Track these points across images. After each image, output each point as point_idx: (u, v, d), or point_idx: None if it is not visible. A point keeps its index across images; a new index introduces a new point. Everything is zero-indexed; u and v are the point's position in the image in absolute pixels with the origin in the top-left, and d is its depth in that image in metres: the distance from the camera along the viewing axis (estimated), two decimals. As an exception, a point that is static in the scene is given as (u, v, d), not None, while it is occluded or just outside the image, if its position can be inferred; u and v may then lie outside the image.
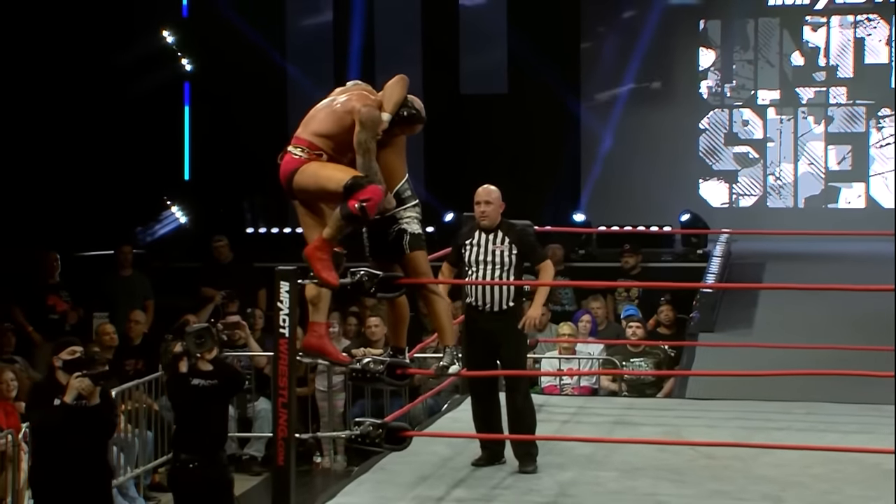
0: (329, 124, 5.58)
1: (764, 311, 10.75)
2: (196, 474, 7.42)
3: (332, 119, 5.58)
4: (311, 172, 5.52)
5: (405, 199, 5.75)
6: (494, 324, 6.62)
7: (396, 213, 5.72)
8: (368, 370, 5.81)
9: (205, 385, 7.48)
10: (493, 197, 6.73)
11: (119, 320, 10.74)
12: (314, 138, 5.57)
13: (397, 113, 5.60)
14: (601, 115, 15.85)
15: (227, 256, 12.26)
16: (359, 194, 5.44)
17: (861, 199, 15.58)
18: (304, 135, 5.60)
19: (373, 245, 5.81)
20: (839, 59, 15.62)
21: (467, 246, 6.73)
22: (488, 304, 6.65)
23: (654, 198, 15.30)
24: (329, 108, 5.64)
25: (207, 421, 7.49)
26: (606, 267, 12.51)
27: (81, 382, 7.10)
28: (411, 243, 5.70)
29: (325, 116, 5.61)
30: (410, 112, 5.65)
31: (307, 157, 5.54)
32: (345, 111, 5.56)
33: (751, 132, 15.88)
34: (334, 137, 5.56)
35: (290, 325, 5.51)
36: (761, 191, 15.85)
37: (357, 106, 5.52)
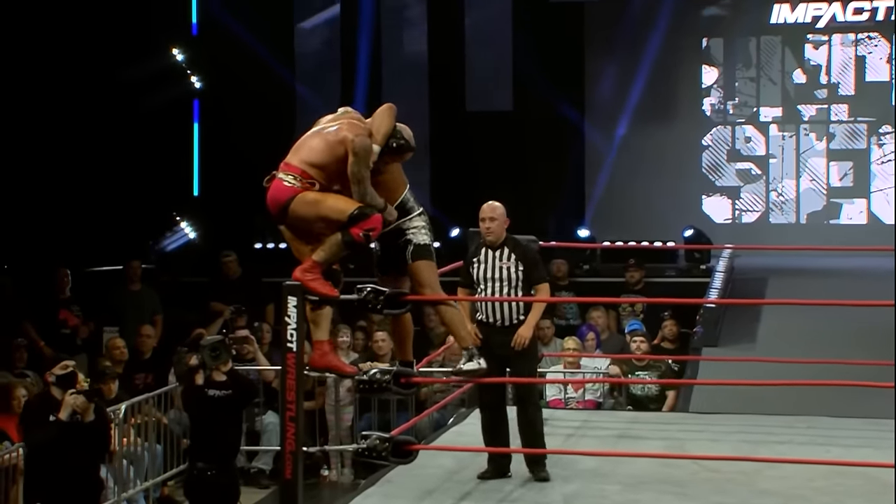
0: (321, 154, 5.62)
1: (766, 326, 10.82)
2: (212, 482, 7.56)
3: (324, 148, 5.62)
4: (310, 201, 5.59)
5: (408, 209, 5.85)
6: (505, 338, 6.70)
7: (402, 224, 5.82)
8: (375, 380, 5.87)
9: (220, 396, 7.65)
10: (498, 213, 6.82)
11: (128, 335, 10.83)
12: (306, 167, 5.62)
13: (387, 143, 5.69)
14: (605, 132, 15.95)
15: (236, 271, 12.33)
16: (364, 224, 5.55)
17: (863, 215, 15.67)
18: (295, 162, 5.65)
19: (382, 260, 5.92)
20: (840, 77, 15.73)
21: (474, 264, 6.81)
22: (499, 319, 6.74)
23: (657, 213, 15.40)
24: (320, 136, 5.68)
25: (222, 431, 7.65)
26: (610, 282, 12.59)
27: (76, 399, 7.19)
28: (414, 253, 5.80)
29: (316, 145, 5.65)
30: (399, 142, 5.75)
31: (300, 185, 5.60)
32: (337, 141, 5.60)
33: (753, 149, 15.98)
34: (326, 167, 5.62)
35: (298, 339, 5.59)
36: (764, 207, 15.94)
37: (349, 136, 5.57)
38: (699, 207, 15.97)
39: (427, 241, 5.86)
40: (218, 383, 7.68)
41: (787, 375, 8.40)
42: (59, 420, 7.15)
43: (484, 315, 6.78)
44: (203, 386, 7.68)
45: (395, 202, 5.81)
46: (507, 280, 6.74)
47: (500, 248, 6.79)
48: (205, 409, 7.66)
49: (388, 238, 5.84)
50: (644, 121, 15.86)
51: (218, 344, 7.72)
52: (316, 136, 5.71)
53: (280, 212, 5.68)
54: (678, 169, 15.96)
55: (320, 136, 5.69)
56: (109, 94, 14.09)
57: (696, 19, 15.96)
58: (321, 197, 5.61)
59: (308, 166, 5.63)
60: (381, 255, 5.94)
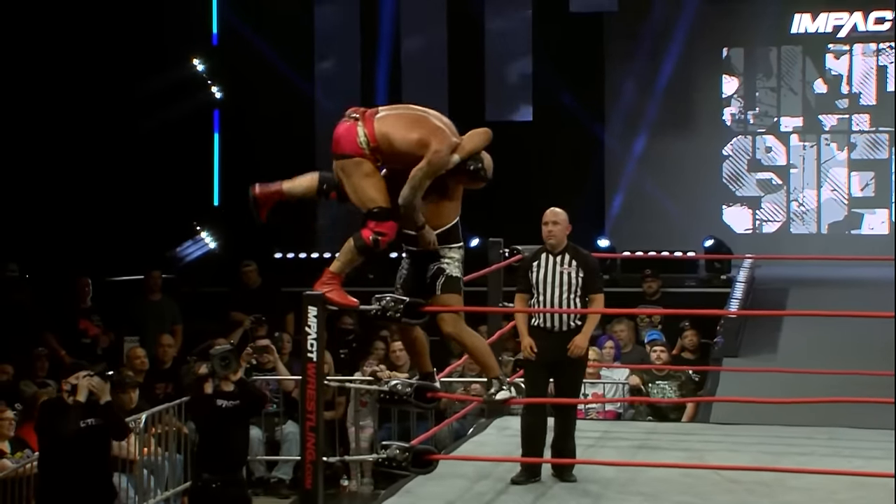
0: (403, 141, 5.56)
1: (787, 337, 10.79)
2: (218, 494, 7.54)
3: (409, 138, 5.56)
4: (358, 172, 5.57)
5: (451, 238, 5.79)
6: (558, 343, 6.71)
7: (440, 250, 5.76)
8: (396, 392, 5.88)
9: (228, 406, 7.63)
10: (561, 218, 6.88)
11: (148, 344, 10.87)
12: (383, 139, 5.57)
13: (464, 163, 5.65)
14: (625, 142, 15.94)
15: (256, 281, 12.37)
16: (376, 225, 5.54)
17: (884, 226, 15.61)
18: (378, 126, 5.58)
19: (409, 278, 5.86)
20: (862, 87, 15.69)
21: (533, 268, 6.83)
22: (556, 325, 6.76)
23: (677, 223, 15.38)
24: (415, 124, 5.60)
25: (230, 441, 7.63)
26: (629, 292, 12.57)
27: (90, 380, 7.20)
28: (445, 285, 5.74)
29: (405, 129, 5.58)
30: (476, 167, 5.69)
31: (367, 151, 5.57)
32: (421, 143, 5.55)
33: (774, 158, 15.95)
34: (397, 153, 5.58)
35: (318, 349, 5.59)
36: (784, 217, 15.90)
37: (435, 146, 5.52)
38: (720, 217, 15.94)
39: (458, 275, 5.82)
40: (226, 393, 7.67)
41: (809, 386, 8.36)
42: (77, 403, 7.15)
43: (540, 320, 6.79)
44: (212, 395, 7.68)
45: (441, 228, 5.75)
46: (566, 285, 6.75)
47: (562, 254, 6.83)
48: (212, 419, 7.64)
49: (421, 261, 5.82)
50: (664, 131, 15.84)
51: (227, 353, 7.73)
52: (414, 120, 5.63)
53: (335, 154, 5.67)
54: (698, 179, 15.94)
55: (416, 123, 5.62)
56: (130, 105, 14.15)
57: (715, 29, 15.93)
58: (368, 174, 5.59)
59: (385, 140, 5.57)
60: (408, 274, 5.89)
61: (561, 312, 6.73)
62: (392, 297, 5.71)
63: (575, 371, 6.86)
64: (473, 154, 5.69)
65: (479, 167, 5.71)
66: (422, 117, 5.68)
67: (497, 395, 5.92)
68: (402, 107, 5.77)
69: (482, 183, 5.79)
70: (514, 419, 7.62)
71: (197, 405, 7.86)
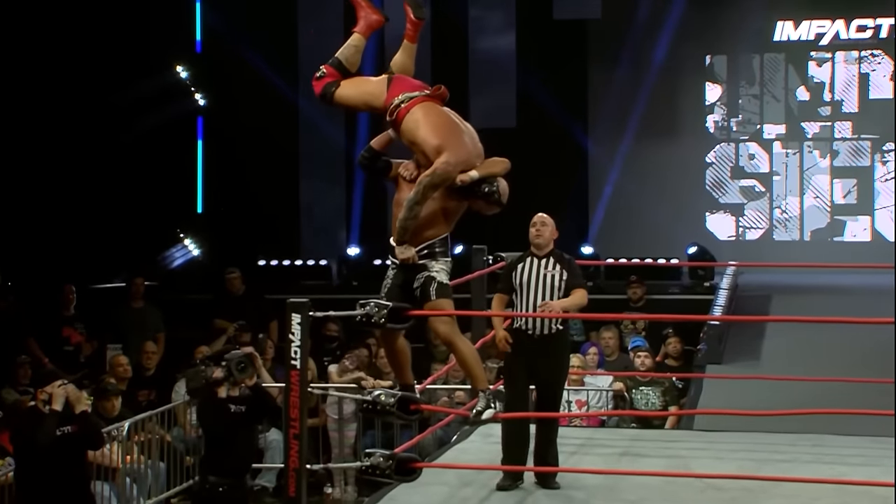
0: (424, 137, 5.65)
1: (771, 343, 10.82)
2: (224, 497, 7.59)
3: (429, 139, 5.64)
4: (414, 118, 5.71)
5: (437, 253, 5.78)
6: (540, 347, 6.73)
7: (427, 263, 5.77)
8: (379, 403, 5.86)
9: (240, 410, 7.71)
10: (549, 221, 7.00)
11: (131, 352, 10.85)
12: (412, 122, 5.69)
13: (480, 183, 5.70)
14: (609, 149, 15.96)
15: (240, 288, 12.35)
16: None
17: (867, 233, 15.68)
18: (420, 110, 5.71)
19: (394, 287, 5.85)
20: (844, 94, 15.76)
21: (518, 269, 6.86)
22: (537, 328, 6.78)
23: (661, 230, 15.40)
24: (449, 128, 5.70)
25: (239, 445, 7.71)
26: (614, 299, 12.59)
27: (66, 389, 7.20)
28: (438, 290, 5.74)
29: (435, 126, 5.67)
30: (491, 189, 5.74)
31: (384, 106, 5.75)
32: (437, 149, 5.62)
33: (757, 166, 16.00)
34: (414, 141, 5.70)
35: (302, 356, 5.58)
36: (768, 224, 15.95)
37: (445, 157, 5.59)
38: (703, 224, 15.98)
39: (448, 282, 5.83)
40: (237, 398, 7.75)
41: (792, 392, 8.39)
42: (53, 411, 7.14)
43: (521, 322, 6.81)
44: (225, 399, 7.75)
45: (430, 239, 5.76)
46: (549, 286, 6.79)
47: (546, 257, 6.89)
48: (222, 423, 7.71)
49: (408, 271, 5.81)
50: (648, 137, 15.88)
51: (245, 357, 7.83)
52: (446, 127, 5.70)
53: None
54: (682, 186, 15.98)
55: (446, 130, 5.69)
56: (114, 112, 14.14)
57: (699, 37, 15.97)
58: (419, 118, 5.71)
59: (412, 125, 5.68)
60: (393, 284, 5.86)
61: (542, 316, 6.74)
62: (376, 303, 5.70)
63: (556, 375, 6.87)
64: (489, 177, 5.74)
65: (494, 190, 5.75)
66: (455, 127, 5.75)
67: (483, 415, 5.88)
68: (451, 112, 5.83)
69: (496, 207, 5.84)
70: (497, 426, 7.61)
71: (209, 409, 7.89)
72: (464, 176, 5.66)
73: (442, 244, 5.81)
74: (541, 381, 6.84)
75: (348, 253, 15.40)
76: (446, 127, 5.71)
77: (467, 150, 5.71)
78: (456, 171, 5.63)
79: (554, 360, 6.80)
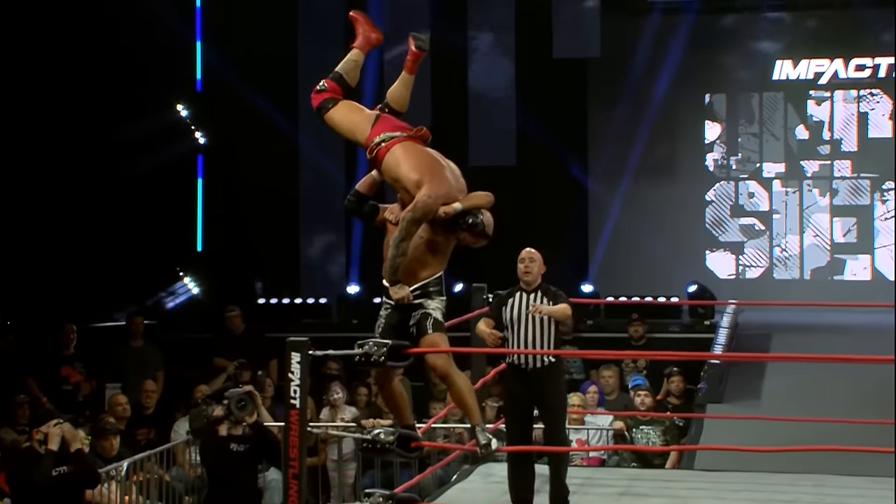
0: (406, 173, 5.70)
1: (771, 382, 10.78)
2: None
3: (410, 174, 5.69)
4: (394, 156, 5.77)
5: (431, 292, 5.82)
6: (535, 380, 6.75)
7: (423, 302, 5.79)
8: (379, 441, 5.85)
9: (241, 449, 7.69)
10: (537, 256, 7.05)
11: (130, 391, 10.81)
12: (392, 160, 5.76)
13: (464, 216, 5.72)
14: (608, 187, 15.99)
15: (240, 327, 12.32)
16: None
17: (867, 272, 15.68)
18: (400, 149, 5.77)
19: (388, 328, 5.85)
20: (843, 133, 15.80)
21: (508, 304, 6.89)
22: (531, 363, 6.78)
23: (661, 269, 15.40)
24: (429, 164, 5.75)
25: (241, 484, 7.69)
26: (614, 337, 12.56)
27: (62, 428, 7.18)
28: (435, 325, 5.77)
29: (416, 162, 5.72)
30: (476, 221, 5.75)
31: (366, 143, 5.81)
32: (417, 184, 5.66)
33: (757, 204, 16.02)
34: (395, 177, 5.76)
35: (301, 395, 5.57)
36: (767, 262, 15.95)
37: (426, 190, 5.64)
38: (703, 263, 15.98)
39: (442, 320, 5.85)
40: (238, 436, 7.74)
41: (793, 432, 8.36)
42: (49, 451, 7.11)
43: (514, 357, 6.83)
44: (226, 438, 7.74)
45: (423, 280, 5.79)
46: (539, 321, 6.82)
47: (535, 291, 6.94)
48: (223, 461, 7.70)
49: (403, 310, 5.82)
50: (647, 176, 15.91)
51: (244, 395, 7.83)
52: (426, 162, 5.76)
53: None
54: (682, 224, 15.99)
55: (426, 166, 5.74)
56: (115, 150, 14.16)
57: (698, 75, 16.04)
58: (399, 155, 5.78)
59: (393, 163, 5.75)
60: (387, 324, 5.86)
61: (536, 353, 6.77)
62: (374, 342, 5.70)
63: (554, 405, 6.87)
64: (473, 209, 5.74)
65: (479, 221, 5.75)
66: (435, 164, 5.79)
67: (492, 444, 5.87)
68: (431, 150, 5.87)
69: (483, 240, 5.83)
70: (498, 465, 7.60)
71: (210, 448, 7.88)
72: (447, 208, 5.69)
73: (436, 283, 5.84)
74: (541, 414, 6.85)
75: (348, 291, 15.40)
76: (426, 163, 5.76)
77: (448, 184, 5.75)
78: (437, 205, 5.66)
79: (551, 391, 6.80)
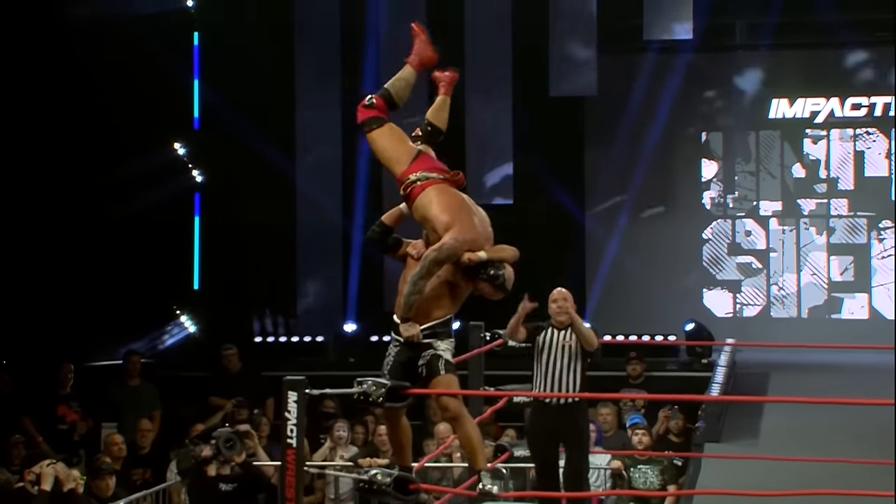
0: (436, 214, 5.75)
1: (769, 421, 10.75)
2: None
3: (441, 216, 5.74)
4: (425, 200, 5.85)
5: (440, 333, 5.82)
6: (561, 417, 6.92)
7: (433, 342, 5.79)
8: (376, 482, 5.81)
9: (230, 489, 7.67)
10: (569, 297, 7.39)
11: (126, 430, 10.78)
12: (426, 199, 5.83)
13: (486, 266, 5.75)
14: (606, 226, 16.00)
15: (236, 365, 12.29)
16: None
17: (864, 310, 15.66)
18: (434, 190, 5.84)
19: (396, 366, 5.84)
20: (840, 172, 15.84)
21: (541, 334, 7.14)
22: (557, 399, 6.88)
23: (658, 307, 15.39)
24: (459, 208, 5.81)
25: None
26: (612, 376, 12.54)
27: (54, 468, 7.14)
28: (447, 366, 5.76)
29: (447, 205, 5.78)
30: (497, 274, 5.78)
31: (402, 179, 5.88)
32: (446, 226, 5.71)
33: (754, 242, 16.03)
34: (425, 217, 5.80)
35: (298, 435, 5.54)
36: (765, 300, 15.94)
37: (453, 234, 5.68)
38: (700, 301, 15.96)
39: (453, 362, 5.85)
40: (227, 476, 7.71)
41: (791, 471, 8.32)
42: (42, 492, 7.07)
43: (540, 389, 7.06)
44: (215, 478, 7.71)
45: (435, 320, 5.80)
46: (568, 355, 7.12)
47: (566, 329, 7.22)
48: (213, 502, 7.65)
49: (412, 348, 5.82)
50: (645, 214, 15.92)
51: (233, 434, 7.82)
52: (457, 207, 5.81)
53: None
54: (679, 262, 16.00)
55: (457, 210, 5.79)
56: (112, 189, 14.15)
57: (695, 113, 16.09)
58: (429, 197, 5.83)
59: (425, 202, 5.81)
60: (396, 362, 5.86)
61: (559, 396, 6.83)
62: (373, 381, 5.68)
63: (579, 444, 7.02)
64: (497, 261, 5.79)
65: (500, 274, 5.79)
66: (466, 209, 5.85)
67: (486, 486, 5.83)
68: (462, 195, 5.95)
69: (501, 293, 5.85)
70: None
71: (199, 489, 7.84)
72: (472, 255, 5.71)
73: (445, 325, 5.85)
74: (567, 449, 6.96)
75: (345, 329, 15.37)
76: (458, 207, 5.81)
77: (476, 231, 5.78)
78: (462, 249, 5.68)
79: (575, 428, 6.90)
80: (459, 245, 5.67)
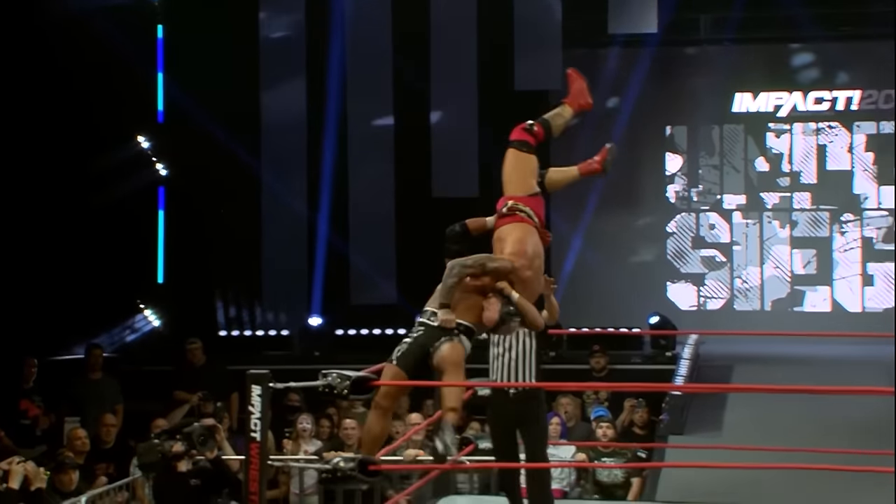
0: (510, 242, 6.17)
1: (732, 413, 10.82)
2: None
3: (512, 246, 6.14)
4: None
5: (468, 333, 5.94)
6: (517, 405, 6.98)
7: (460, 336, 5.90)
8: (339, 469, 5.79)
9: (198, 483, 7.64)
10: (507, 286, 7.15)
11: (89, 424, 10.71)
12: (511, 233, 6.29)
13: (508, 305, 5.95)
14: (570, 219, 16.01)
15: (201, 359, 12.25)
16: None
17: (826, 303, 15.78)
18: (518, 229, 6.30)
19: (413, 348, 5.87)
20: (802, 166, 15.94)
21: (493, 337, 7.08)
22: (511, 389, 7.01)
23: (622, 300, 15.44)
24: (533, 250, 6.20)
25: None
26: (576, 369, 12.57)
27: (24, 466, 7.10)
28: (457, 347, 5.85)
29: (521, 242, 6.19)
30: (509, 317, 5.97)
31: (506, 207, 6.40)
32: (511, 254, 6.10)
33: (717, 236, 16.11)
34: (498, 245, 6.22)
35: (262, 428, 5.52)
36: (728, 294, 16.03)
37: (511, 257, 6.06)
38: (664, 294, 16.03)
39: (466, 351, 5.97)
40: (192, 471, 7.68)
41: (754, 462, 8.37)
42: (10, 490, 7.02)
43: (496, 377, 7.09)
44: (185, 474, 7.68)
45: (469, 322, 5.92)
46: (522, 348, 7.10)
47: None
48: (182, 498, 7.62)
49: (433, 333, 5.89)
50: (609, 207, 15.95)
51: (206, 430, 7.78)
52: (530, 247, 6.22)
53: None
54: (643, 256, 16.07)
55: (528, 247, 6.20)
56: (75, 183, 14.06)
57: (659, 107, 16.13)
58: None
59: (507, 235, 6.28)
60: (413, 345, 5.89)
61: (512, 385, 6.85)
62: (338, 374, 5.66)
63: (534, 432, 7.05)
64: (519, 312, 6.00)
65: (512, 319, 5.98)
66: (536, 257, 6.24)
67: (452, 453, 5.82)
68: (542, 252, 6.34)
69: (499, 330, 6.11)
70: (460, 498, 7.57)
71: (168, 484, 7.80)
72: (507, 287, 5.97)
73: (472, 334, 5.97)
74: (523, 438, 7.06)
75: (310, 323, 15.35)
76: (532, 252, 6.20)
77: (528, 276, 6.09)
78: (508, 276, 5.97)
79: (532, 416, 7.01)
80: (509, 270, 5.98)
